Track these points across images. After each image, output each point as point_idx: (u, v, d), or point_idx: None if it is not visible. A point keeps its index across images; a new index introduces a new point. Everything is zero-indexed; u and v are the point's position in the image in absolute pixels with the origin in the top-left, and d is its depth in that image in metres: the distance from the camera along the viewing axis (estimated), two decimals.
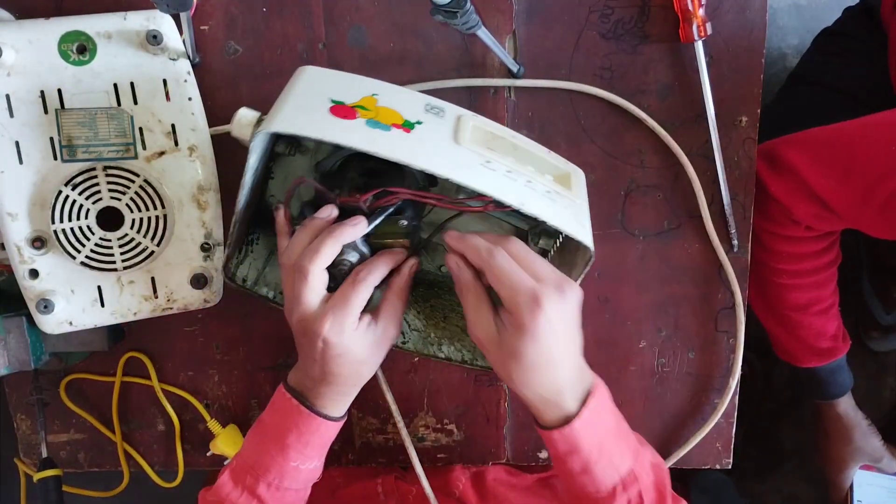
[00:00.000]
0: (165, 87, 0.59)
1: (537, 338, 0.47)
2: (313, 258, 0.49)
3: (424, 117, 0.51)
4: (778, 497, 1.42)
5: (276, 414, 0.55)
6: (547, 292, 0.47)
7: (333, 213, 0.52)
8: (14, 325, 0.63)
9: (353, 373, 0.53)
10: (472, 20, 0.54)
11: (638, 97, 0.66)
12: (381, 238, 0.54)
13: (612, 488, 0.51)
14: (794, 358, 0.83)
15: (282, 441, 0.54)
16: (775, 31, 1.24)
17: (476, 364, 0.61)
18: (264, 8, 0.64)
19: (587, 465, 0.50)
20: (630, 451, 0.53)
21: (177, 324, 0.70)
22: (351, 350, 0.51)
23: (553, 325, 0.47)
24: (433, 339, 0.60)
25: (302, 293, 0.50)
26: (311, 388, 0.54)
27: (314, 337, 0.50)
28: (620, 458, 0.52)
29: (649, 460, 0.54)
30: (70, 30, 0.57)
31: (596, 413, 0.50)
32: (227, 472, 0.56)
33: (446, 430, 0.73)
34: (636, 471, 0.52)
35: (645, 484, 0.52)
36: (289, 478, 0.55)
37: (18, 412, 0.73)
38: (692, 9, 0.62)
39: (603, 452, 0.51)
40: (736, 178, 0.67)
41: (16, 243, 0.59)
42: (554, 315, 0.47)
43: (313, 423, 0.54)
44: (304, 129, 0.47)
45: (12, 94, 0.57)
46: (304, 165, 0.60)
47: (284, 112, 0.49)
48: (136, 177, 0.59)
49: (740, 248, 0.69)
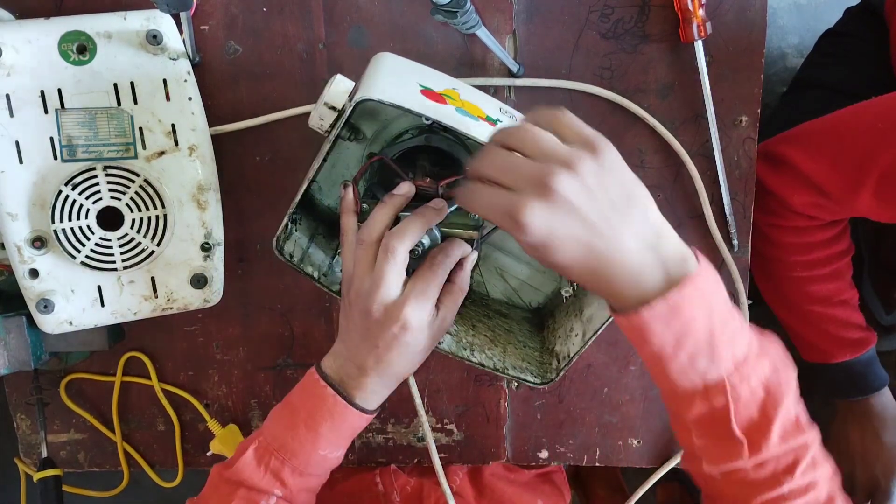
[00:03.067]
0: (165, 86, 0.59)
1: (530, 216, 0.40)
2: (402, 237, 0.48)
3: (500, 116, 0.53)
4: None
5: (310, 400, 0.53)
6: (579, 154, 0.40)
7: (411, 190, 0.52)
8: (14, 324, 0.63)
9: (409, 363, 0.52)
10: (472, 20, 0.54)
11: (638, 97, 0.66)
12: (451, 227, 0.55)
13: (692, 392, 0.44)
14: (825, 355, 0.80)
15: (315, 430, 0.53)
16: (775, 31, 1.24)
17: (507, 373, 0.61)
18: (264, 8, 0.64)
19: (659, 360, 0.43)
20: (731, 356, 0.44)
21: (177, 324, 0.70)
22: (419, 338, 0.50)
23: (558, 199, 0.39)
24: (465, 343, 0.61)
25: (388, 273, 0.48)
26: (355, 378, 0.52)
27: (392, 321, 0.49)
28: (710, 361, 0.43)
29: (765, 373, 0.45)
30: (70, 30, 0.57)
31: (676, 307, 0.42)
32: (251, 450, 0.54)
33: (446, 430, 0.73)
34: (733, 381, 0.44)
35: (743, 398, 0.44)
36: (314, 464, 0.54)
37: (18, 412, 0.73)
38: (692, 8, 0.62)
39: (682, 350, 0.43)
40: (736, 177, 0.67)
41: (16, 243, 0.59)
42: (589, 172, 0.40)
43: (350, 415, 0.53)
44: (406, 102, 0.48)
45: (12, 94, 0.57)
46: (356, 154, 0.60)
47: (381, 85, 0.49)
48: (136, 176, 0.59)
49: (741, 248, 0.69)
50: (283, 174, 0.67)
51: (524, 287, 0.66)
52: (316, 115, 0.54)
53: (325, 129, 0.54)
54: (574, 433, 0.74)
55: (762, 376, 0.45)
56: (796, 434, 0.45)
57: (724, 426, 0.44)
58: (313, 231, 0.60)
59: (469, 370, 0.71)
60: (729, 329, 0.44)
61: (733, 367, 0.44)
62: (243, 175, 0.67)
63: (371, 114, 0.58)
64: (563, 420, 0.73)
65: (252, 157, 0.66)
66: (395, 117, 0.58)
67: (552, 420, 0.73)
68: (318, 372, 0.53)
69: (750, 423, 0.44)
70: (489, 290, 0.66)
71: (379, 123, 0.59)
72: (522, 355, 0.62)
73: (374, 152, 0.59)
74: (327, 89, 0.53)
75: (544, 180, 0.39)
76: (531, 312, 0.66)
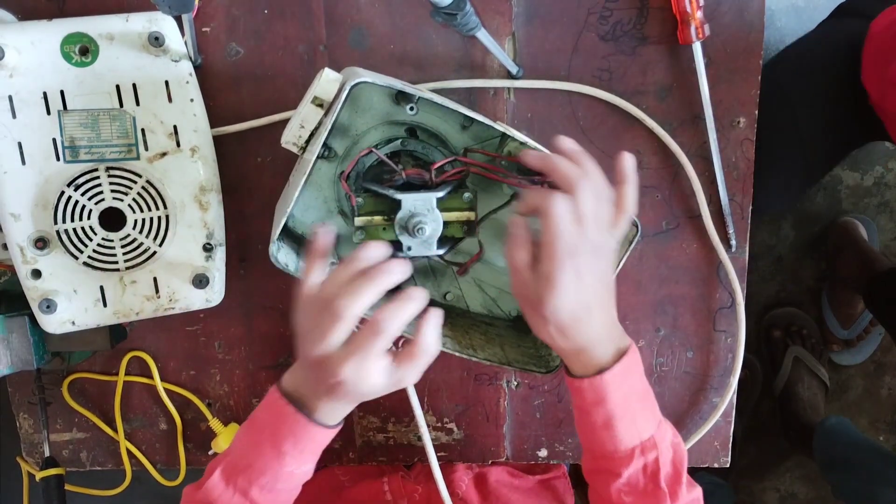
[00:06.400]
0: (167, 88, 0.59)
1: (566, 287, 0.48)
2: (353, 301, 0.47)
3: None
4: (776, 496, 1.42)
5: (273, 418, 0.54)
6: (581, 249, 0.48)
7: (382, 253, 0.50)
8: (17, 324, 0.63)
9: (360, 398, 0.52)
10: (471, 22, 0.55)
11: (636, 98, 0.66)
12: (445, 211, 0.56)
13: (632, 449, 0.52)
14: None
15: (278, 448, 0.53)
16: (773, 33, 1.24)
17: (514, 366, 0.62)
18: (266, 10, 0.64)
19: (610, 419, 0.51)
20: (654, 420, 0.53)
21: (179, 323, 0.70)
22: (363, 390, 0.49)
23: (582, 277, 0.48)
24: (465, 344, 0.61)
25: (330, 333, 0.48)
26: (311, 397, 0.53)
27: (329, 375, 0.48)
28: (644, 422, 0.52)
29: (671, 436, 0.55)
30: (72, 31, 0.57)
31: (627, 370, 0.52)
32: (218, 472, 0.55)
33: (446, 429, 0.74)
34: (657, 439, 0.53)
35: (664, 455, 0.53)
36: (283, 480, 0.54)
37: (21, 411, 0.73)
38: (690, 10, 0.62)
39: (628, 410, 0.51)
40: (734, 178, 0.68)
41: (18, 244, 0.59)
42: (584, 269, 0.48)
43: (311, 431, 0.53)
44: (397, 84, 0.52)
45: (15, 96, 0.57)
46: (328, 174, 0.61)
47: (369, 75, 0.51)
48: (139, 177, 0.59)
49: (738, 248, 0.69)
50: (284, 175, 0.67)
51: (502, 296, 0.66)
52: (296, 122, 0.53)
53: (301, 144, 0.54)
54: (573, 432, 0.74)
55: (670, 435, 0.55)
56: (692, 488, 0.56)
57: (653, 480, 0.53)
58: (297, 249, 0.60)
59: (469, 369, 0.72)
60: (650, 392, 0.55)
61: (656, 425, 0.53)
62: (245, 176, 0.67)
63: (342, 130, 0.59)
64: (563, 419, 0.73)
65: (254, 159, 0.67)
66: (365, 132, 0.59)
67: (551, 419, 0.74)
68: (280, 389, 0.54)
69: (667, 477, 0.53)
70: (468, 304, 0.66)
71: (349, 139, 0.59)
72: (520, 353, 0.63)
73: (343, 171, 0.59)
74: (316, 83, 0.53)
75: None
76: (513, 321, 0.67)
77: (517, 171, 0.58)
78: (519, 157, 0.54)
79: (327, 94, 0.52)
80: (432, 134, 0.59)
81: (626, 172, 0.52)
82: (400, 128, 0.59)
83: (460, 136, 0.60)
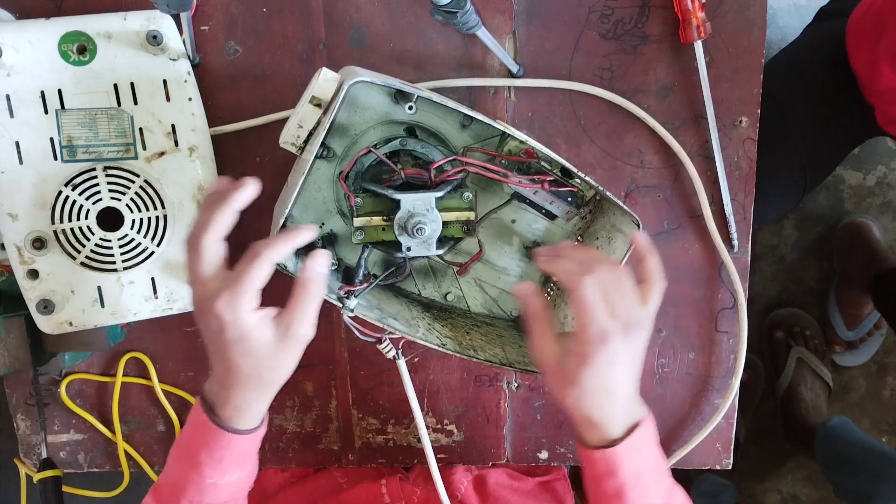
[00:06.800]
0: (165, 87, 0.59)
1: (597, 370, 0.49)
2: (203, 229, 0.47)
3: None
4: (778, 498, 1.42)
5: (191, 428, 0.52)
6: (615, 331, 0.48)
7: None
8: (14, 325, 0.63)
9: (254, 372, 0.49)
10: (471, 20, 0.55)
11: (638, 97, 0.66)
12: (445, 211, 0.56)
13: None
14: None
15: (194, 459, 0.51)
16: (775, 32, 1.24)
17: (516, 366, 0.61)
18: (264, 8, 0.64)
19: (621, 490, 0.51)
20: (664, 490, 0.54)
21: (177, 324, 0.70)
22: (248, 337, 0.47)
23: (614, 360, 0.49)
24: (466, 345, 0.61)
25: (191, 267, 0.47)
26: (219, 395, 0.51)
27: (209, 315, 0.47)
28: (654, 493, 0.53)
29: (681, 502, 0.56)
30: (70, 30, 0.57)
31: (640, 442, 0.51)
32: (150, 492, 0.54)
33: (446, 431, 0.73)
34: None
35: None
36: (209, 494, 0.52)
37: (18, 412, 0.73)
38: (692, 9, 0.62)
39: (639, 482, 0.51)
40: (736, 178, 0.67)
41: (16, 244, 0.59)
42: (618, 352, 0.49)
43: (223, 438, 0.50)
44: (395, 83, 0.52)
45: (12, 95, 0.57)
46: (327, 174, 0.60)
47: (367, 74, 0.50)
48: (137, 177, 0.59)
49: (740, 248, 0.69)
50: (282, 175, 0.66)
51: (503, 296, 0.66)
52: (294, 122, 0.53)
53: (299, 144, 0.54)
54: (574, 433, 0.74)
55: (682, 501, 0.56)
56: None
57: None
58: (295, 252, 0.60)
59: (469, 370, 0.71)
60: (663, 461, 0.55)
61: (668, 494, 0.54)
62: (243, 175, 0.66)
63: (340, 129, 0.59)
64: (563, 420, 0.73)
65: (252, 158, 0.67)
66: (364, 131, 0.59)
67: (552, 420, 0.73)
68: (201, 397, 0.52)
69: None
70: (469, 304, 0.66)
71: (348, 139, 0.59)
72: (521, 354, 0.63)
73: (342, 171, 0.59)
74: (314, 82, 0.52)
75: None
76: (514, 322, 0.66)
77: (517, 171, 0.58)
78: (531, 255, 0.54)
79: (325, 93, 0.52)
80: (432, 133, 0.59)
81: (644, 247, 0.53)
82: (399, 127, 0.59)
83: (460, 135, 0.59)
